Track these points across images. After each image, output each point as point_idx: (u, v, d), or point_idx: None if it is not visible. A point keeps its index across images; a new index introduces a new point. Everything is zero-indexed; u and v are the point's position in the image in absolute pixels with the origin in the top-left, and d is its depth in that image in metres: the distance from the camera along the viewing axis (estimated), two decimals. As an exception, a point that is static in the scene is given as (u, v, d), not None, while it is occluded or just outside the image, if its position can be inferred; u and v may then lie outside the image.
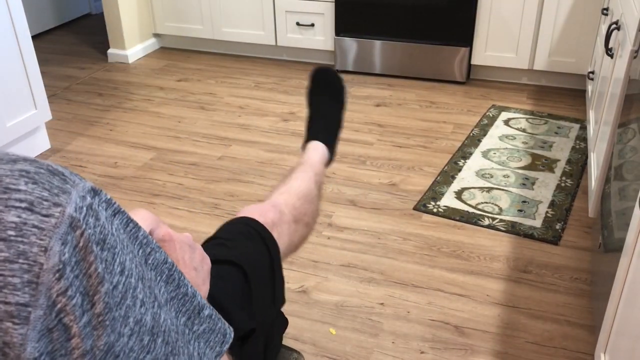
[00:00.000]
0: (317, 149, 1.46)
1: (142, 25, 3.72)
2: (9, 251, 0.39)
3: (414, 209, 2.17)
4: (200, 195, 2.28)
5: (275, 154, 2.58)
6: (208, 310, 0.58)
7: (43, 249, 0.40)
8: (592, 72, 2.66)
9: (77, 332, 0.42)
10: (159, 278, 0.51)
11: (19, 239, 0.40)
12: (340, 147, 2.62)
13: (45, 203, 0.41)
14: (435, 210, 2.16)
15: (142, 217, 1.06)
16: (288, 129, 2.79)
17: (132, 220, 0.49)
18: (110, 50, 3.67)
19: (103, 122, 2.90)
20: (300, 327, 1.66)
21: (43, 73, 3.47)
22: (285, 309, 1.19)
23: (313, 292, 1.79)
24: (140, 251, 0.49)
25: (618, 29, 2.01)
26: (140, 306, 0.46)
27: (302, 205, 1.25)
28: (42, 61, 3.63)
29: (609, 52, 2.07)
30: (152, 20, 3.76)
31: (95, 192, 0.45)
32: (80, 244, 0.42)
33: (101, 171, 2.47)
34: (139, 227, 0.49)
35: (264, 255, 1.07)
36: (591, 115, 2.45)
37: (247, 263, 1.00)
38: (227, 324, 0.61)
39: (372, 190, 2.30)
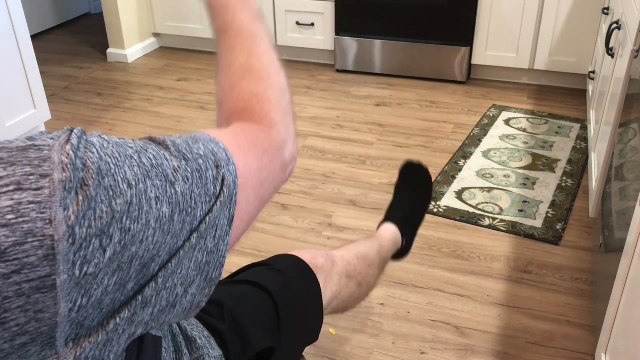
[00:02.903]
0: (389, 228, 1.47)
1: (141, 24, 3.72)
2: (15, 234, 0.39)
3: (414, 209, 2.17)
4: (200, 195, 2.28)
5: (275, 153, 2.57)
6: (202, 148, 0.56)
7: (47, 221, 0.40)
8: (593, 72, 2.65)
9: (102, 267, 0.43)
10: (156, 159, 0.50)
11: (20, 219, 0.40)
12: (341, 147, 2.62)
13: (31, 178, 0.41)
14: (435, 210, 2.15)
15: None
16: (288, 129, 2.78)
17: (104, 135, 0.48)
18: (109, 50, 3.67)
19: (102, 122, 2.90)
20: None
21: (42, 73, 3.47)
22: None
23: (313, 293, 1.79)
24: (130, 151, 0.48)
25: (619, 28, 2.00)
26: (156, 203, 0.47)
27: (359, 264, 1.24)
28: (41, 61, 3.63)
29: (609, 51, 2.06)
30: (152, 20, 3.76)
31: (69, 136, 0.45)
32: (81, 198, 0.42)
33: (101, 171, 2.46)
34: (112, 137, 0.49)
35: (301, 292, 1.05)
36: (592, 115, 2.44)
37: (279, 293, 0.99)
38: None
39: (372, 190, 2.30)
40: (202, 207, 0.51)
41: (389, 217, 1.54)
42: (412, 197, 1.57)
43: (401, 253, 1.54)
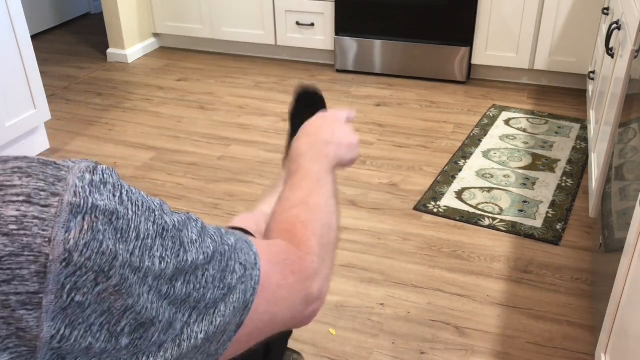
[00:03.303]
0: None
1: (141, 24, 3.72)
2: (14, 245, 0.40)
3: (414, 209, 2.17)
4: (200, 195, 2.28)
5: (275, 153, 2.57)
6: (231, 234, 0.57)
7: (47, 239, 0.41)
8: (593, 72, 2.65)
9: (92, 301, 0.43)
10: (178, 224, 0.50)
11: (22, 232, 0.40)
12: (340, 147, 2.61)
13: (42, 194, 0.42)
14: (435, 210, 2.15)
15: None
16: (288, 129, 2.78)
17: (131, 186, 0.49)
18: (109, 50, 3.67)
19: (102, 122, 2.90)
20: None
21: (42, 73, 3.47)
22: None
23: (313, 293, 1.79)
24: (157, 203, 0.49)
25: (619, 28, 2.00)
26: (160, 263, 0.47)
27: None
28: (41, 61, 3.62)
29: (609, 51, 2.06)
30: (152, 20, 3.76)
31: (93, 167, 0.46)
32: (85, 227, 0.42)
33: (100, 171, 2.46)
34: (140, 191, 0.50)
35: None
36: (592, 115, 2.44)
37: None
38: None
39: (372, 190, 2.30)
40: (214, 292, 0.51)
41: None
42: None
43: None
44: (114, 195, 0.45)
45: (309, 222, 0.67)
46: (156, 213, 0.48)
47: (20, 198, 0.41)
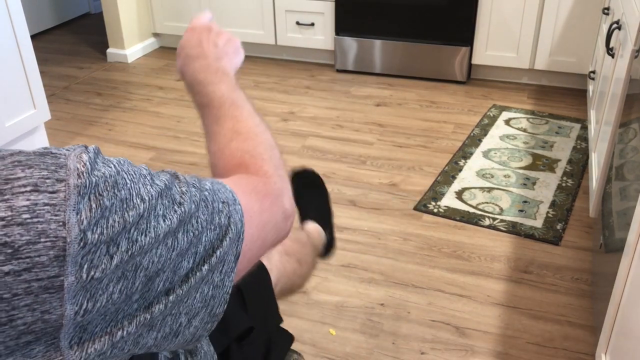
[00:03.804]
0: (311, 223, 1.56)
1: (141, 24, 3.71)
2: (29, 233, 0.41)
3: (414, 209, 2.17)
4: (200, 195, 2.28)
5: (275, 153, 2.57)
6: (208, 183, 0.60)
7: (61, 223, 0.42)
8: (593, 72, 2.65)
9: (108, 273, 0.45)
10: (167, 183, 0.53)
11: (35, 219, 0.41)
12: (341, 147, 2.61)
13: (48, 181, 0.43)
14: (435, 210, 2.15)
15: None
16: (288, 129, 2.78)
17: (119, 159, 0.51)
18: (109, 50, 3.67)
19: (102, 122, 2.90)
20: (300, 327, 1.66)
21: (42, 73, 3.46)
22: (285, 309, 1.19)
23: (313, 293, 1.79)
24: (144, 172, 0.51)
25: (619, 28, 2.00)
26: (163, 220, 0.49)
27: (293, 243, 1.30)
28: (41, 61, 3.62)
29: (610, 51, 2.06)
30: (152, 20, 3.76)
31: (85, 149, 0.48)
32: (94, 206, 0.44)
33: (100, 171, 2.46)
34: (126, 159, 0.52)
35: (252, 273, 1.07)
36: (592, 115, 2.44)
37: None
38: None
39: (372, 190, 2.30)
40: (208, 234, 0.54)
41: (304, 218, 1.61)
42: (316, 199, 1.65)
43: (328, 248, 1.60)
44: (110, 167, 0.47)
45: (253, 149, 0.70)
46: (148, 177, 0.50)
47: (28, 188, 0.42)
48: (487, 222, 2.08)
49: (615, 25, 2.03)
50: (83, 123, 2.89)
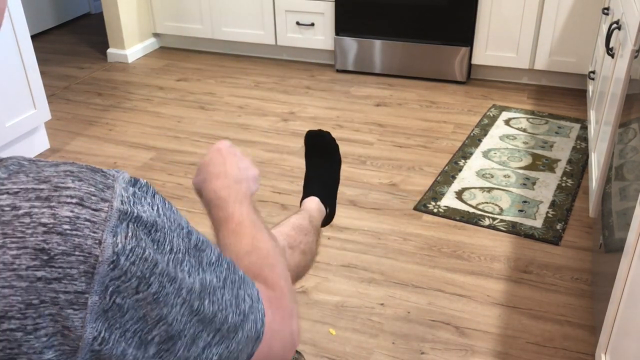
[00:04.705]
0: (313, 200, 1.55)
1: (141, 24, 3.72)
2: (66, 244, 0.42)
3: (414, 209, 2.17)
4: (200, 195, 2.28)
5: (275, 153, 2.57)
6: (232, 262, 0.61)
7: (97, 241, 0.43)
8: (593, 72, 2.65)
9: (130, 306, 0.45)
10: (200, 244, 0.54)
11: (74, 232, 0.43)
12: (340, 147, 2.61)
13: (93, 198, 0.45)
14: (435, 210, 2.15)
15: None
16: (288, 129, 2.79)
17: (166, 200, 0.53)
18: (109, 50, 3.67)
19: (102, 122, 2.90)
20: (300, 327, 1.66)
21: (42, 73, 3.46)
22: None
23: (313, 293, 1.79)
24: (184, 221, 0.53)
25: (619, 28, 2.00)
26: (189, 276, 0.50)
27: (296, 234, 1.31)
28: (41, 61, 3.62)
29: (609, 51, 2.06)
30: (152, 20, 3.76)
31: (134, 180, 0.49)
32: (130, 234, 0.45)
33: (101, 171, 2.46)
34: (172, 205, 0.54)
35: None
36: (592, 115, 2.44)
37: None
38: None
39: (372, 190, 2.30)
40: (234, 317, 0.55)
41: (308, 191, 1.59)
42: (324, 166, 1.63)
43: (327, 219, 1.60)
44: (152, 208, 0.49)
45: (272, 265, 0.72)
46: (184, 230, 0.52)
47: (74, 200, 0.44)
48: (487, 222, 2.08)
49: (615, 26, 2.03)
50: (83, 123, 2.89)
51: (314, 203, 1.54)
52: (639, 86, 1.52)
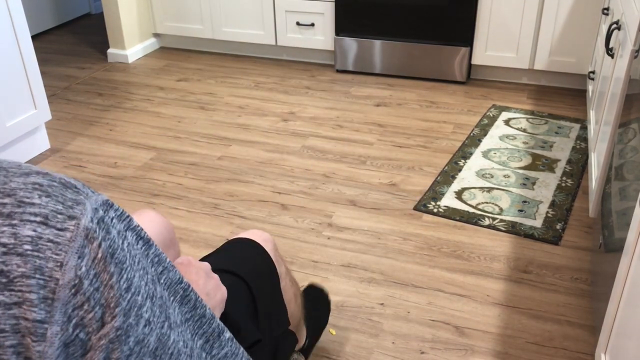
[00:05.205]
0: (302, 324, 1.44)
1: (141, 25, 3.72)
2: (26, 266, 0.39)
3: (414, 209, 2.17)
4: (200, 195, 2.28)
5: (275, 153, 2.57)
6: (228, 333, 0.57)
7: (59, 264, 0.40)
8: (593, 72, 2.66)
9: (94, 344, 0.42)
10: (172, 298, 0.50)
11: (35, 253, 0.40)
12: (340, 147, 2.62)
13: (59, 216, 0.41)
14: (435, 210, 2.16)
15: (150, 219, 1.06)
16: (288, 129, 2.79)
17: (145, 237, 0.47)
18: (110, 50, 3.67)
19: (103, 122, 2.90)
20: None
21: (43, 73, 3.47)
22: (285, 309, 1.19)
23: (313, 293, 1.79)
24: (153, 269, 0.48)
25: (619, 28, 2.01)
26: (145, 326, 0.45)
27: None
28: (41, 61, 3.63)
29: (609, 51, 2.06)
30: (152, 20, 3.76)
31: (108, 205, 0.45)
32: (99, 256, 0.42)
33: (101, 171, 2.47)
34: (152, 244, 0.48)
35: (265, 272, 1.07)
36: (592, 115, 2.44)
37: (250, 277, 1.01)
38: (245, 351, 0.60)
39: (372, 190, 2.30)
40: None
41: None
42: (315, 314, 1.58)
43: (304, 352, 1.50)
44: (119, 238, 0.44)
45: None
46: (148, 276, 0.46)
47: (38, 218, 0.40)
48: (486, 222, 2.09)
49: (614, 26, 2.03)
50: (84, 123, 2.89)
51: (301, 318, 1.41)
52: (639, 86, 1.52)
